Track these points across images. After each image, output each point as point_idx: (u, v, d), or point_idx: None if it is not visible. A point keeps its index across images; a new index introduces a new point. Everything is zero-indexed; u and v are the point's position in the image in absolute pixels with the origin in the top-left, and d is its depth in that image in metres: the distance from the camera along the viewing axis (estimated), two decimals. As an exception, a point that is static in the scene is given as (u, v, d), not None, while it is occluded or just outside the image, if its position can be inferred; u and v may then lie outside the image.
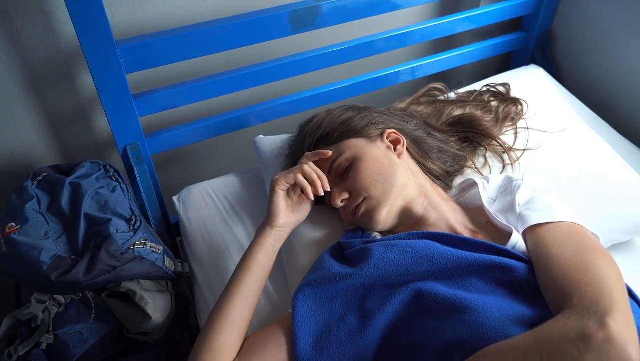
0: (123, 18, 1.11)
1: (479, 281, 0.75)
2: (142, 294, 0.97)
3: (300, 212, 0.92)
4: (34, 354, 0.96)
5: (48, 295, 0.96)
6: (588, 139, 1.16)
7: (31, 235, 0.94)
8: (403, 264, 0.78)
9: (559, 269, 0.70)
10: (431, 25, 1.32)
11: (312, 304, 0.80)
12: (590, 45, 1.43)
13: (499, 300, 0.71)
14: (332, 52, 1.23)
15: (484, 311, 0.68)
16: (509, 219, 0.88)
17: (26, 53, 1.07)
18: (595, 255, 0.71)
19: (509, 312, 0.69)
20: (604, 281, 0.65)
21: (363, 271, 0.79)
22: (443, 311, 0.71)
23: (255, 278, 0.85)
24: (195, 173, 1.46)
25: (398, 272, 0.78)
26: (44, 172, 1.07)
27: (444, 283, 0.76)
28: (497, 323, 0.66)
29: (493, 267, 0.75)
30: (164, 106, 1.13)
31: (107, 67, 0.97)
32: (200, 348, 0.77)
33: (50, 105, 1.17)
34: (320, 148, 0.95)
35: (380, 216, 0.88)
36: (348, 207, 0.91)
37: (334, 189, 0.92)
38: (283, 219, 0.89)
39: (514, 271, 0.75)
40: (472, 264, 0.76)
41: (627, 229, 1.07)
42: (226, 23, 1.05)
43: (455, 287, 0.75)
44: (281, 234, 0.89)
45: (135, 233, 0.99)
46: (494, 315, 0.68)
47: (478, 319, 0.67)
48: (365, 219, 0.90)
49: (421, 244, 0.80)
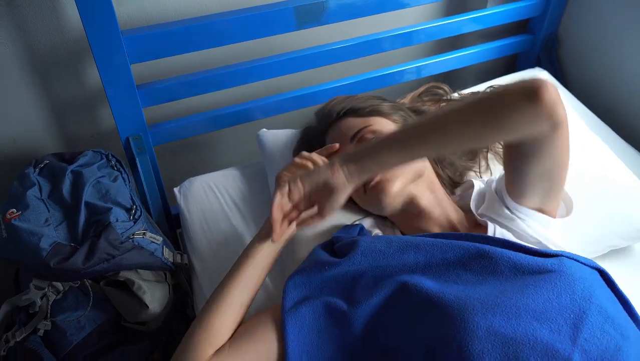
0: (129, 9, 1.11)
1: (465, 273, 0.76)
2: (140, 284, 0.98)
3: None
4: (31, 340, 0.96)
5: (47, 282, 0.96)
6: (590, 142, 1.15)
7: (32, 222, 0.94)
8: (389, 252, 0.80)
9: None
10: (437, 25, 1.32)
11: (302, 291, 0.81)
12: (595, 49, 1.43)
13: (485, 290, 0.72)
14: (337, 49, 1.23)
15: (467, 307, 0.68)
16: (498, 210, 0.88)
17: (32, 41, 1.07)
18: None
19: (493, 303, 0.69)
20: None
21: (351, 260, 0.81)
22: (426, 307, 0.72)
23: (258, 266, 0.85)
24: (197, 166, 1.46)
25: (386, 262, 0.79)
26: (46, 160, 1.07)
27: (430, 276, 0.76)
28: (480, 317, 0.67)
29: (477, 255, 0.76)
30: (168, 98, 1.13)
31: (112, 57, 0.97)
32: (195, 328, 0.79)
33: (55, 93, 1.17)
34: (349, 118, 0.98)
35: (393, 188, 0.88)
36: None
37: None
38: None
39: (495, 257, 0.75)
40: (456, 251, 0.77)
41: (626, 235, 1.07)
42: (232, 17, 1.05)
43: (442, 281, 0.75)
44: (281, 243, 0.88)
45: (136, 223, 0.99)
46: (477, 308, 0.68)
47: (461, 315, 0.68)
48: (375, 191, 0.89)
49: (408, 236, 0.83)
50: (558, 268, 0.73)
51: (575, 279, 0.71)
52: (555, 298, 0.69)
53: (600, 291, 0.72)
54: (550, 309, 0.68)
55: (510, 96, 0.68)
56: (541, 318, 0.67)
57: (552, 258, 0.76)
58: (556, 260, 0.74)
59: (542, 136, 0.71)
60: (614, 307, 0.72)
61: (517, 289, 0.71)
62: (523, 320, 0.67)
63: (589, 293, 0.70)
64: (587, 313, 0.68)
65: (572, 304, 0.69)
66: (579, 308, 0.68)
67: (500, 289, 0.72)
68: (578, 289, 0.70)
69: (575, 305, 0.68)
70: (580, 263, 0.76)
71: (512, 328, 0.66)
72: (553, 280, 0.71)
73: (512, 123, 0.69)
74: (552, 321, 0.67)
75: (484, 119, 0.70)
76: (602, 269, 0.77)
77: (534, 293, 0.70)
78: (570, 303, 0.69)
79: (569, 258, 0.76)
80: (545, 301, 0.69)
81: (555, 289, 0.70)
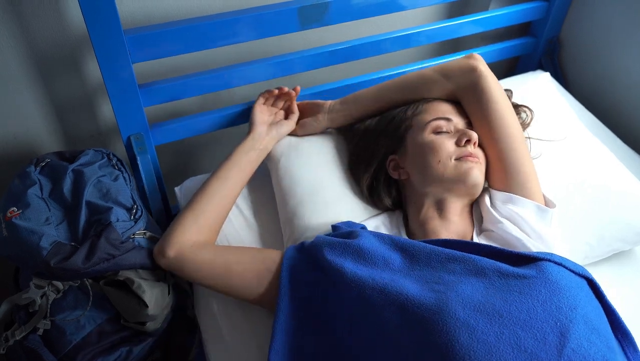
0: (132, 8, 1.11)
1: (447, 275, 0.76)
2: (140, 283, 0.97)
3: (279, 129, 1.11)
4: (30, 339, 0.96)
5: (47, 281, 0.96)
6: (591, 146, 1.15)
7: (32, 220, 0.94)
8: (382, 245, 0.85)
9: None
10: (439, 27, 1.32)
11: (299, 267, 0.87)
12: (597, 53, 1.43)
13: (467, 290, 0.72)
14: (338, 50, 1.23)
15: (449, 310, 0.69)
16: (492, 219, 0.92)
17: (34, 39, 1.07)
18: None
19: (474, 301, 0.70)
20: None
21: (351, 237, 0.87)
22: (404, 310, 0.72)
23: (233, 165, 1.03)
24: (198, 165, 1.46)
25: (376, 252, 0.83)
26: (47, 158, 1.07)
27: (413, 280, 0.77)
28: (462, 323, 0.67)
29: (460, 258, 0.78)
30: (170, 97, 1.13)
31: (114, 56, 0.97)
32: (183, 211, 0.98)
33: (56, 91, 1.17)
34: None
35: (480, 175, 0.92)
36: (473, 150, 0.94)
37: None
38: (261, 129, 1.09)
39: (478, 259, 0.77)
40: (440, 256, 0.80)
41: (628, 238, 1.07)
42: (235, 17, 1.05)
43: (423, 282, 0.76)
44: (258, 140, 1.08)
45: (136, 222, 0.99)
46: (458, 312, 0.69)
47: (443, 320, 0.68)
48: (471, 160, 0.92)
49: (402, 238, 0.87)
50: (542, 274, 0.72)
51: (561, 288, 0.70)
52: (539, 305, 0.68)
53: (585, 300, 0.71)
54: (535, 317, 0.67)
55: (456, 61, 1.02)
56: (525, 326, 0.67)
57: (538, 261, 0.75)
58: (541, 265, 0.74)
59: (473, 82, 0.97)
60: (598, 318, 0.72)
61: (500, 294, 0.71)
62: (507, 328, 0.66)
63: (574, 302, 0.69)
64: (573, 322, 0.67)
65: (557, 312, 0.68)
66: (565, 317, 0.67)
67: (483, 292, 0.71)
68: (563, 298, 0.69)
69: (561, 314, 0.67)
70: (569, 269, 0.75)
71: (495, 336, 0.66)
72: (537, 287, 0.70)
73: (454, 74, 1.00)
74: (537, 330, 0.66)
75: (438, 74, 1.02)
76: (591, 278, 0.77)
77: (518, 299, 0.69)
78: (556, 312, 0.68)
79: (556, 263, 0.75)
80: (530, 309, 0.68)
81: (540, 297, 0.69)
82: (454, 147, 0.94)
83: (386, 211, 1.04)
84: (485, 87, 0.97)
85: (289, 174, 1.06)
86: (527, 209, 0.90)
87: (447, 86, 1.02)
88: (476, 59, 1.00)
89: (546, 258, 0.76)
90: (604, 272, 1.05)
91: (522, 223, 0.88)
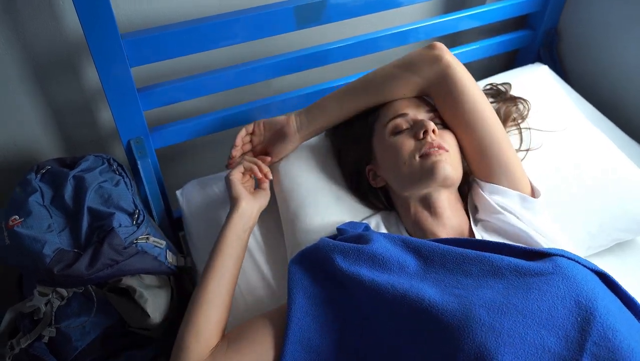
0: (128, 11, 1.11)
1: (465, 278, 0.76)
2: (142, 292, 0.97)
3: (260, 198, 1.01)
4: (36, 347, 0.96)
5: (51, 288, 0.96)
6: (592, 137, 1.15)
7: (34, 228, 0.94)
8: (396, 250, 0.82)
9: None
10: (436, 22, 1.31)
11: (306, 282, 0.83)
12: (596, 43, 1.43)
13: (488, 294, 0.71)
14: (336, 49, 1.22)
15: (474, 315, 0.68)
16: (488, 208, 0.92)
17: (31, 44, 1.07)
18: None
19: (497, 303, 0.69)
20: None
21: (362, 241, 0.84)
22: (426, 317, 0.71)
23: (229, 256, 0.90)
24: (199, 168, 1.46)
25: (391, 257, 0.80)
26: (47, 165, 1.07)
27: (431, 283, 0.76)
28: (487, 327, 0.67)
29: (475, 259, 0.77)
30: (169, 100, 1.13)
31: (111, 61, 0.97)
32: (182, 329, 0.84)
33: (55, 97, 1.17)
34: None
35: (448, 166, 0.87)
36: (433, 140, 0.89)
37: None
38: (245, 202, 0.96)
39: (494, 259, 0.76)
40: (455, 257, 0.78)
41: (630, 228, 1.07)
42: (232, 18, 1.04)
43: (442, 286, 0.75)
44: (247, 216, 0.96)
45: (139, 227, 0.99)
46: (482, 317, 0.68)
47: (468, 326, 0.67)
48: (435, 153, 0.88)
49: (412, 238, 0.85)
50: (559, 269, 0.72)
51: (578, 282, 0.70)
52: (559, 302, 0.68)
53: (603, 293, 0.71)
54: (556, 315, 0.67)
55: (418, 53, 0.97)
56: (548, 325, 0.67)
57: (552, 257, 0.75)
58: (556, 260, 0.74)
59: (442, 74, 0.93)
60: (618, 309, 0.72)
61: (520, 293, 0.70)
62: (531, 328, 0.66)
63: (593, 295, 0.69)
64: (594, 314, 0.67)
65: (577, 307, 0.68)
66: (585, 310, 0.67)
67: (503, 293, 0.71)
68: (582, 292, 0.69)
69: (581, 308, 0.67)
70: (581, 265, 0.75)
71: (520, 338, 0.65)
72: (556, 283, 0.70)
73: (418, 67, 0.95)
74: (559, 328, 0.66)
75: (400, 69, 0.97)
76: (604, 272, 0.76)
77: (539, 297, 0.69)
78: (576, 307, 0.68)
79: (569, 258, 0.75)
80: (550, 307, 0.68)
81: (559, 293, 0.69)
82: (414, 144, 0.90)
83: (385, 209, 1.03)
84: (455, 78, 0.93)
85: (289, 177, 1.06)
86: (511, 200, 0.90)
87: (415, 80, 0.96)
88: (439, 48, 0.95)
89: (559, 254, 0.75)
90: (608, 263, 1.05)
91: (518, 215, 0.88)
